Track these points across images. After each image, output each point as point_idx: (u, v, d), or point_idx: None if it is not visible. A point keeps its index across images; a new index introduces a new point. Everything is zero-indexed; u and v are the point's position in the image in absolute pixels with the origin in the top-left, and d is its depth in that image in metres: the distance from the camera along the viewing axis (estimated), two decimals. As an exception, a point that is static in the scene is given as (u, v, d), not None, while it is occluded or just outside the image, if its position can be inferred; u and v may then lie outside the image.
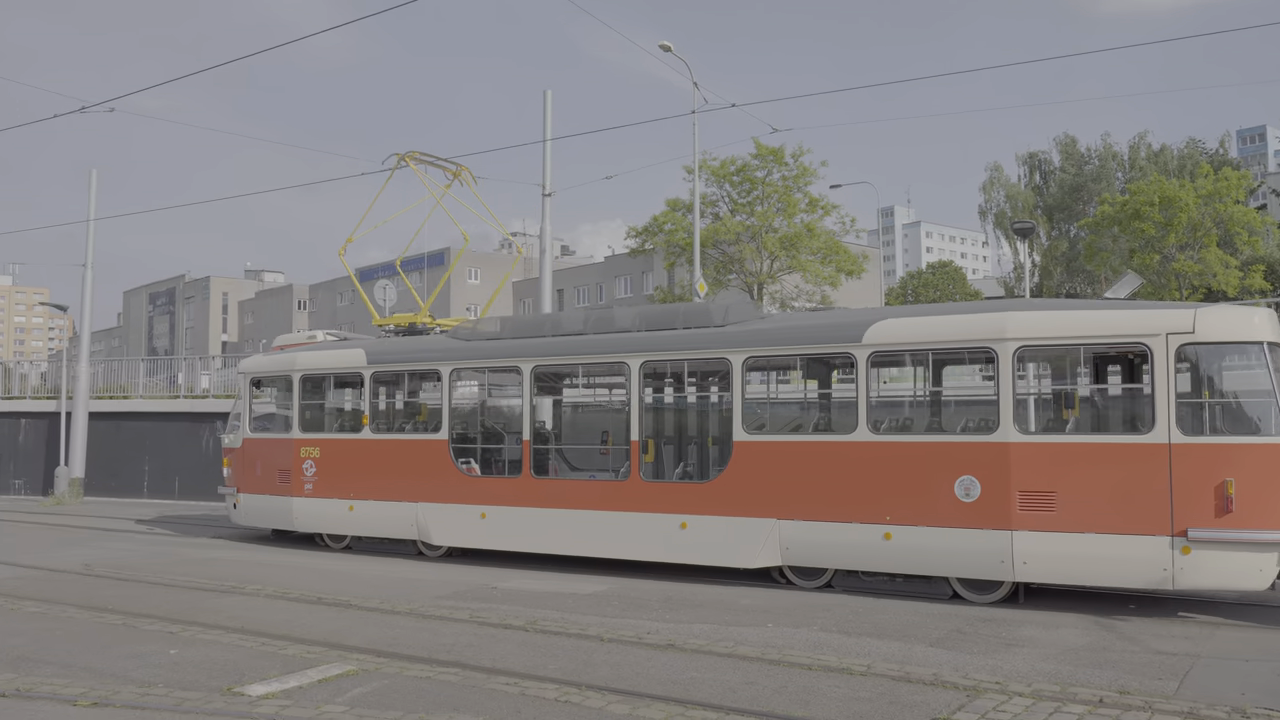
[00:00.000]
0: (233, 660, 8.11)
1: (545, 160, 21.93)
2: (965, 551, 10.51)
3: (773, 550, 11.66)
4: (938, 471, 10.69)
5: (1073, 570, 10.21)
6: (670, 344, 12.78)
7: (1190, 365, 10.02)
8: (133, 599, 10.98)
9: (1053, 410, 11.44)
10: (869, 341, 11.23)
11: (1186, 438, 9.68)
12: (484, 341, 14.50)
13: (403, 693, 7.07)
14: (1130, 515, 9.76)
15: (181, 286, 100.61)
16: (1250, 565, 9.45)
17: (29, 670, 7.81)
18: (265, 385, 16.79)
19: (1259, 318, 10.07)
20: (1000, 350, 10.50)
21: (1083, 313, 10.62)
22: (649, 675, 7.53)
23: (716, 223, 40.24)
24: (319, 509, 15.43)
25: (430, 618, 9.85)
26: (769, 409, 12.99)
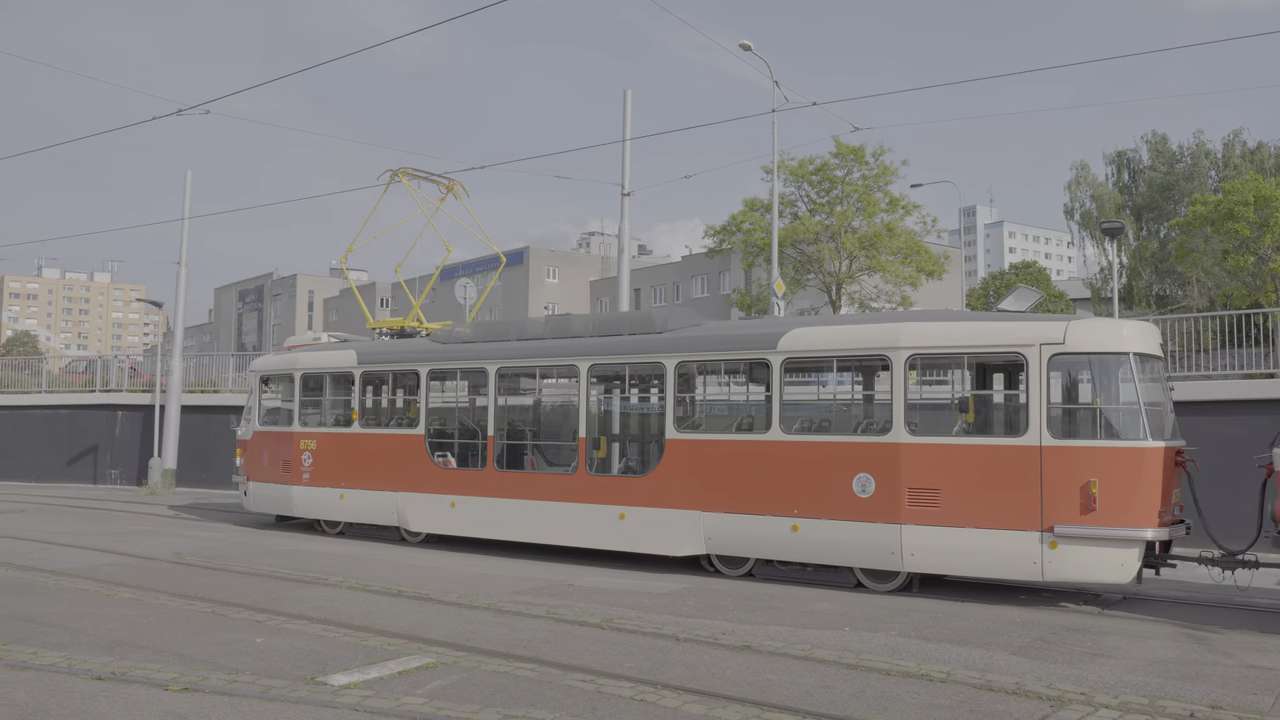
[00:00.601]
0: (316, 650, 8.29)
1: (624, 160, 22.01)
2: (862, 543, 11.41)
3: (698, 540, 12.64)
4: (838, 469, 11.60)
5: (954, 562, 11.07)
6: (614, 349, 13.87)
7: (1061, 374, 10.84)
8: (221, 587, 11.31)
9: (940, 413, 12.17)
10: (782, 349, 12.23)
11: (1056, 441, 10.46)
12: (458, 345, 15.77)
13: (481, 686, 7.15)
14: (1005, 511, 10.55)
15: (269, 284, 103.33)
16: (1112, 560, 10.25)
17: (124, 654, 8.09)
18: (272, 383, 18.28)
19: (1127, 330, 10.96)
20: (894, 358, 11.38)
21: (967, 324, 11.71)
22: (724, 676, 7.51)
23: (795, 222, 39.93)
24: (315, 497, 16.85)
25: (507, 613, 9.96)
26: (698, 410, 13.94)
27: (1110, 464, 10.34)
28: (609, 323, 14.53)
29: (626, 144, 22.05)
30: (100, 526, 17.88)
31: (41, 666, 7.64)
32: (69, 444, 29.83)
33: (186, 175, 28.65)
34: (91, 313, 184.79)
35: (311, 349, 18.06)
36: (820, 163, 39.56)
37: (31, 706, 6.60)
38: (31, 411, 30.86)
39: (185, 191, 28.53)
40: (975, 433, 11.30)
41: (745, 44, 26.42)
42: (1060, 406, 10.85)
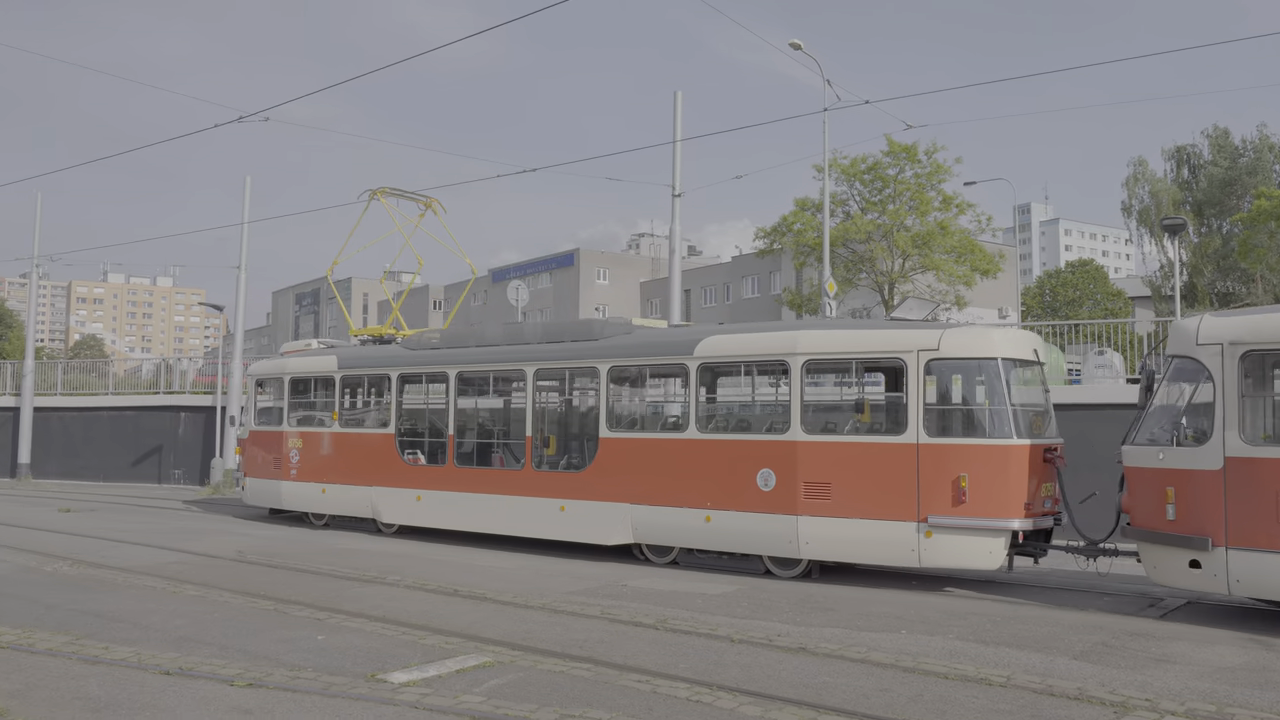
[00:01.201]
0: (375, 648, 8.41)
1: (675, 161, 22.01)
2: (766, 533, 12.44)
3: (627, 530, 13.74)
4: (745, 465, 12.62)
5: (844, 550, 12.10)
6: (556, 355, 15.04)
7: (936, 377, 11.75)
8: (282, 585, 11.52)
9: (834, 414, 13.10)
10: (698, 354, 13.30)
11: (931, 439, 11.41)
12: (425, 350, 17.03)
13: (537, 686, 7.22)
14: (887, 504, 11.55)
15: (325, 287, 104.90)
16: (981, 548, 11.18)
17: (190, 650, 8.28)
18: (265, 386, 19.64)
19: (997, 336, 12.16)
20: (792, 362, 12.37)
21: (856, 332, 12.81)
22: (780, 678, 7.49)
23: (847, 221, 39.65)
24: (301, 491, 18.33)
25: (563, 613, 10.02)
26: (627, 410, 15.03)
27: (979, 460, 11.27)
28: (555, 330, 16.05)
29: (677, 145, 22.05)
30: (165, 525, 18.31)
31: (112, 661, 7.85)
32: (134, 445, 30.57)
33: (246, 180, 29.23)
34: (154, 316, 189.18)
35: (300, 354, 19.56)
36: (872, 161, 39.24)
37: (104, 700, 6.79)
38: (99, 413, 31.69)
39: (244, 196, 29.12)
40: (863, 432, 12.38)
41: (795, 43, 26.29)
42: (935, 407, 11.71)
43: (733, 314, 62.86)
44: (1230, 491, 9.56)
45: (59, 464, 31.71)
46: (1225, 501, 9.59)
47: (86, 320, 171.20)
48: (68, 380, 34.75)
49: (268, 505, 19.40)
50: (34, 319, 35.16)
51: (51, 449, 31.95)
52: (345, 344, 19.96)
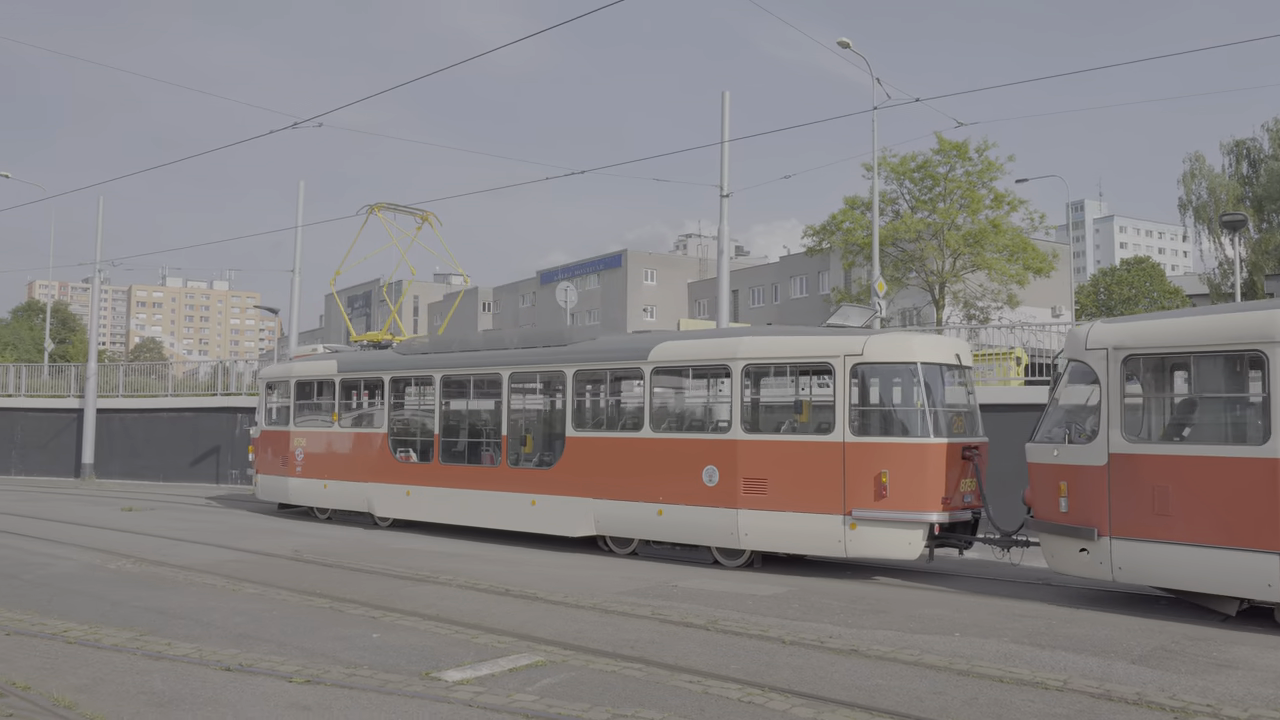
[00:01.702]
0: (429, 646, 8.52)
1: (723, 161, 21.99)
2: (711, 525, 13.31)
3: (590, 523, 14.68)
4: (692, 462, 13.52)
5: (779, 541, 12.93)
6: (529, 359, 16.05)
7: (861, 380, 12.70)
8: (337, 584, 11.70)
9: (771, 414, 14.02)
10: (652, 359, 14.22)
11: (855, 438, 12.27)
12: (415, 355, 18.20)
13: (589, 685, 7.26)
14: (817, 498, 12.40)
15: (376, 290, 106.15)
16: (901, 539, 12.01)
17: (249, 647, 8.45)
18: (275, 388, 20.85)
19: (917, 342, 12.83)
20: (733, 366, 13.33)
21: (791, 338, 13.62)
22: (832, 680, 7.47)
23: (896, 220, 39.34)
24: (305, 487, 19.60)
25: (613, 613, 10.07)
26: (592, 411, 15.84)
27: (898, 457, 12.13)
28: (529, 336, 16.93)
29: (725, 145, 22.02)
30: (224, 524, 18.68)
31: (175, 657, 8.04)
32: (193, 445, 31.20)
33: (299, 185, 29.72)
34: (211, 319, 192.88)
35: (305, 359, 20.84)
36: (922, 159, 38.91)
37: (168, 695, 6.96)
38: (159, 414, 32.39)
39: (298, 201, 29.60)
40: (798, 431, 13.18)
41: (844, 41, 26.15)
42: (859, 408, 12.64)
43: (781, 314, 62.60)
44: (1113, 486, 10.35)
45: (121, 464, 32.47)
46: (1109, 495, 10.37)
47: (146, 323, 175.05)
48: (129, 382, 35.55)
49: (276, 500, 20.60)
50: (96, 323, 36.01)
51: (114, 449, 32.72)
52: (349, 349, 21.07)
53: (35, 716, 6.41)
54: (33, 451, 34.09)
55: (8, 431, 34.44)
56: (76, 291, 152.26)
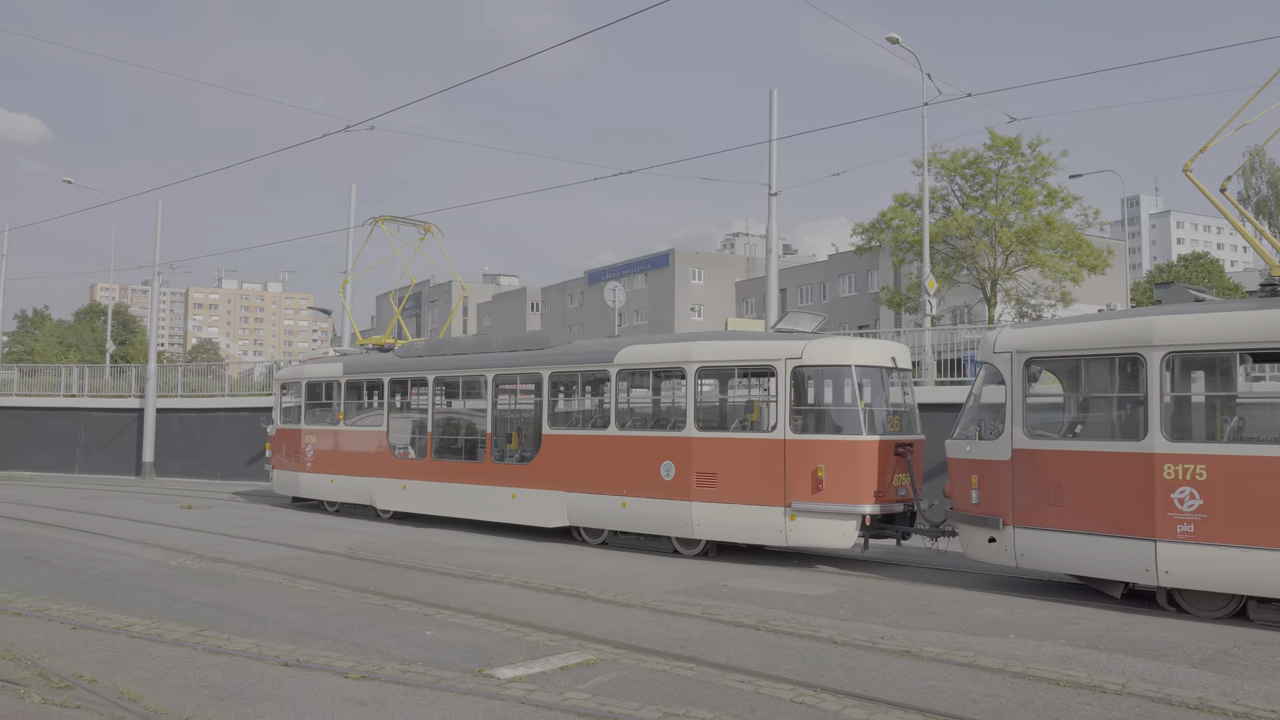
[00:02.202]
0: (481, 644, 8.60)
1: (771, 159, 21.91)
2: (668, 517, 14.29)
3: (563, 515, 15.79)
4: (652, 458, 14.54)
5: (727, 531, 13.88)
6: (511, 362, 17.13)
7: (800, 382, 13.56)
8: (391, 581, 11.85)
9: (720, 413, 15.05)
10: (617, 362, 15.21)
11: (795, 435, 13.19)
12: (412, 358, 19.31)
13: (641, 684, 7.28)
14: (760, 491, 13.34)
15: (426, 291, 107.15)
16: (835, 529, 12.93)
17: (306, 643, 8.59)
18: (288, 389, 22.23)
19: (853, 346, 13.85)
20: (688, 369, 14.32)
21: (739, 342, 14.99)
22: (884, 681, 7.41)
23: (947, 217, 38.86)
24: (314, 481, 20.96)
25: (663, 612, 10.08)
26: (565, 411, 16.93)
27: (833, 454, 13.05)
28: (513, 340, 17.90)
29: (773, 144, 21.95)
30: (280, 522, 18.99)
31: (234, 652, 8.20)
32: (249, 443, 31.74)
33: (351, 188, 30.13)
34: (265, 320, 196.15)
35: (315, 362, 22.46)
36: (973, 156, 38.39)
37: (228, 689, 7.10)
38: (216, 414, 33.04)
39: (350, 203, 30.02)
40: (744, 429, 14.15)
41: (893, 37, 25.92)
42: (799, 408, 13.46)
43: (829, 313, 62.08)
44: (1016, 479, 11.17)
45: (180, 462, 33.15)
46: (1013, 487, 11.21)
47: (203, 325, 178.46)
48: (187, 383, 36.27)
49: (290, 494, 21.96)
50: (155, 324, 36.79)
51: (173, 448, 33.42)
52: (356, 351, 22.31)
53: (101, 709, 6.58)
54: (96, 450, 34.93)
55: (72, 431, 35.32)
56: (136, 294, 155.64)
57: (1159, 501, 10.01)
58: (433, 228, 23.57)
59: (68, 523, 18.49)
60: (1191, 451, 9.97)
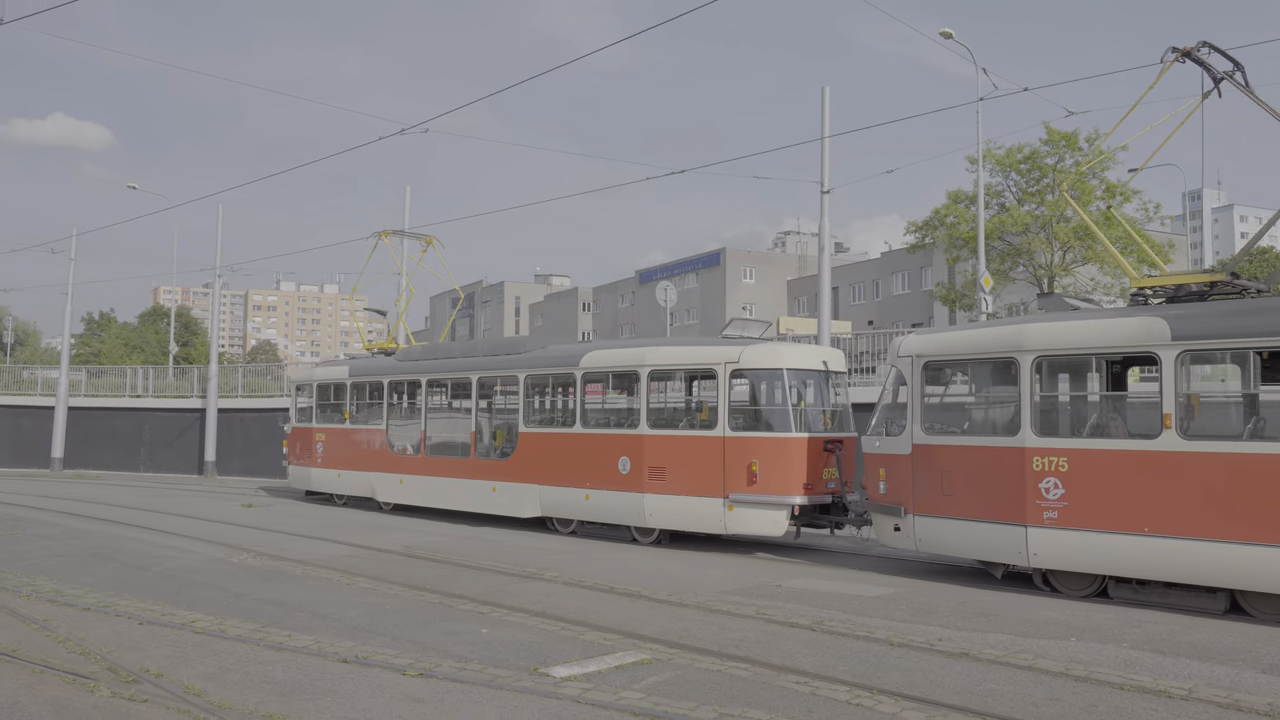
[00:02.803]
0: (536, 642, 8.65)
1: (823, 157, 21.74)
2: (625, 508, 15.64)
3: (536, 506, 17.26)
4: (610, 453, 15.90)
5: (676, 520, 15.15)
6: (492, 365, 18.81)
7: (737, 383, 14.89)
8: (447, 579, 11.97)
9: (670, 413, 16.29)
10: (582, 366, 16.74)
11: (733, 433, 14.44)
12: (409, 362, 20.95)
13: (695, 684, 7.28)
14: (703, 484, 14.64)
15: (479, 291, 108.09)
16: (769, 518, 14.14)
17: (364, 640, 8.71)
18: (302, 391, 24.11)
19: (785, 351, 15.23)
20: (641, 372, 15.68)
21: (686, 347, 16.14)
22: (943, 683, 7.33)
23: (1002, 213, 38.28)
24: (324, 476, 22.78)
25: (717, 612, 10.06)
26: (539, 410, 18.27)
27: (766, 450, 14.24)
28: (496, 345, 19.87)
29: (825, 141, 21.77)
30: (337, 520, 19.27)
31: (295, 648, 8.34)
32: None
33: (405, 190, 30.46)
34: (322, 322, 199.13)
35: (326, 365, 24.42)
36: (1029, 151, 37.75)
37: (289, 685, 7.22)
38: (275, 414, 33.56)
39: (405, 205, 30.35)
40: (690, 427, 15.35)
41: (946, 31, 25.58)
42: (736, 408, 14.76)
43: (882, 311, 61.61)
44: (915, 471, 12.29)
45: (240, 461, 33.80)
46: (913, 479, 12.33)
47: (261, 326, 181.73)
48: (246, 383, 37.00)
49: (303, 487, 23.75)
50: (216, 326, 37.59)
51: (234, 447, 34.09)
52: (363, 356, 24.03)
53: (167, 703, 6.73)
54: (160, 449, 35.76)
55: (137, 430, 36.20)
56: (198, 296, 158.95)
57: (1029, 491, 11.10)
58: (434, 240, 25.18)
59: (133, 520, 18.94)
60: (1055, 445, 11.05)
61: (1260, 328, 9.99)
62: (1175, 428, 10.23)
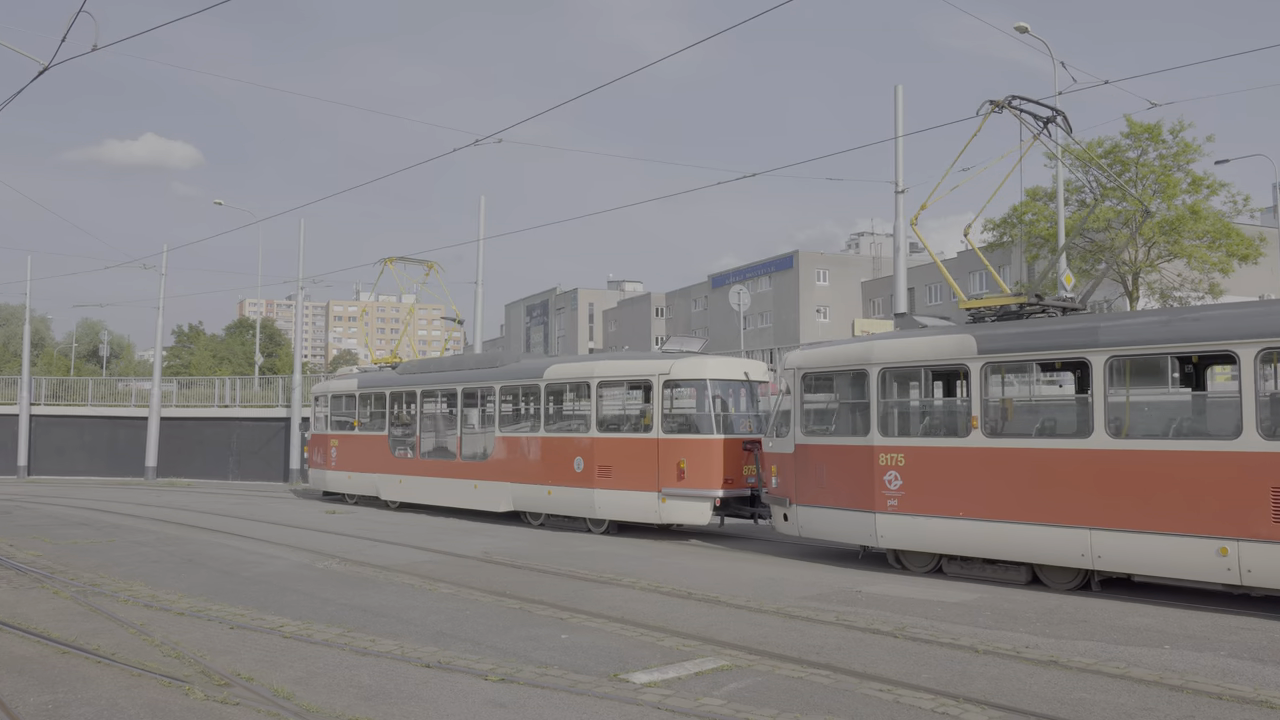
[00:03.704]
0: (615, 648, 8.68)
1: (897, 156, 21.48)
2: (579, 502, 18.17)
3: (509, 501, 19.89)
4: (567, 454, 18.45)
5: (619, 511, 17.53)
6: (474, 378, 21.43)
7: (669, 393, 17.22)
8: (526, 585, 12.07)
9: (615, 418, 18.69)
10: (545, 378, 19.27)
11: (665, 435, 16.81)
12: (408, 375, 23.81)
13: (776, 691, 7.22)
14: (642, 480, 17.03)
15: (553, 298, 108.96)
16: (694, 509, 16.48)
17: (446, 645, 8.83)
18: (319, 401, 27.08)
19: (710, 363, 17.24)
20: (591, 383, 18.17)
21: (628, 361, 19.18)
22: (1031, 692, 7.16)
23: (1083, 210, 37.31)
24: (338, 477, 25.61)
25: (796, 618, 9.98)
26: (510, 417, 20.73)
27: (692, 450, 16.60)
28: (478, 360, 22.45)
29: (899, 141, 21.50)
30: (417, 526, 19.58)
31: (379, 653, 8.49)
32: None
33: (480, 200, 30.86)
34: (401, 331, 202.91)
35: (339, 378, 27.28)
36: (1110, 144, 36.72)
37: (375, 689, 7.35)
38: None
39: (480, 215, 30.76)
40: (633, 431, 17.66)
41: (1022, 26, 25.10)
42: (668, 413, 17.11)
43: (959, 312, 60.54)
44: (797, 467, 14.46)
45: (323, 469, 34.56)
46: (795, 474, 14.48)
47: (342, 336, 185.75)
48: (328, 392, 37.80)
49: (321, 488, 26.53)
50: (299, 337, 38.52)
51: (316, 455, 34.88)
52: (372, 369, 26.75)
53: (258, 705, 6.91)
54: (247, 457, 36.78)
55: (225, 439, 37.30)
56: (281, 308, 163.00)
57: (876, 483, 13.16)
58: (434, 265, 28.68)
59: (222, 527, 19.49)
60: (895, 444, 13.14)
61: (1041, 342, 12.02)
62: (981, 428, 12.23)
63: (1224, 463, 10.15)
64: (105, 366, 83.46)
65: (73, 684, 7.57)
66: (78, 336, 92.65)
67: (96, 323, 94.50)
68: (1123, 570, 11.10)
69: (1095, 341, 11.30)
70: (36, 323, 76.01)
